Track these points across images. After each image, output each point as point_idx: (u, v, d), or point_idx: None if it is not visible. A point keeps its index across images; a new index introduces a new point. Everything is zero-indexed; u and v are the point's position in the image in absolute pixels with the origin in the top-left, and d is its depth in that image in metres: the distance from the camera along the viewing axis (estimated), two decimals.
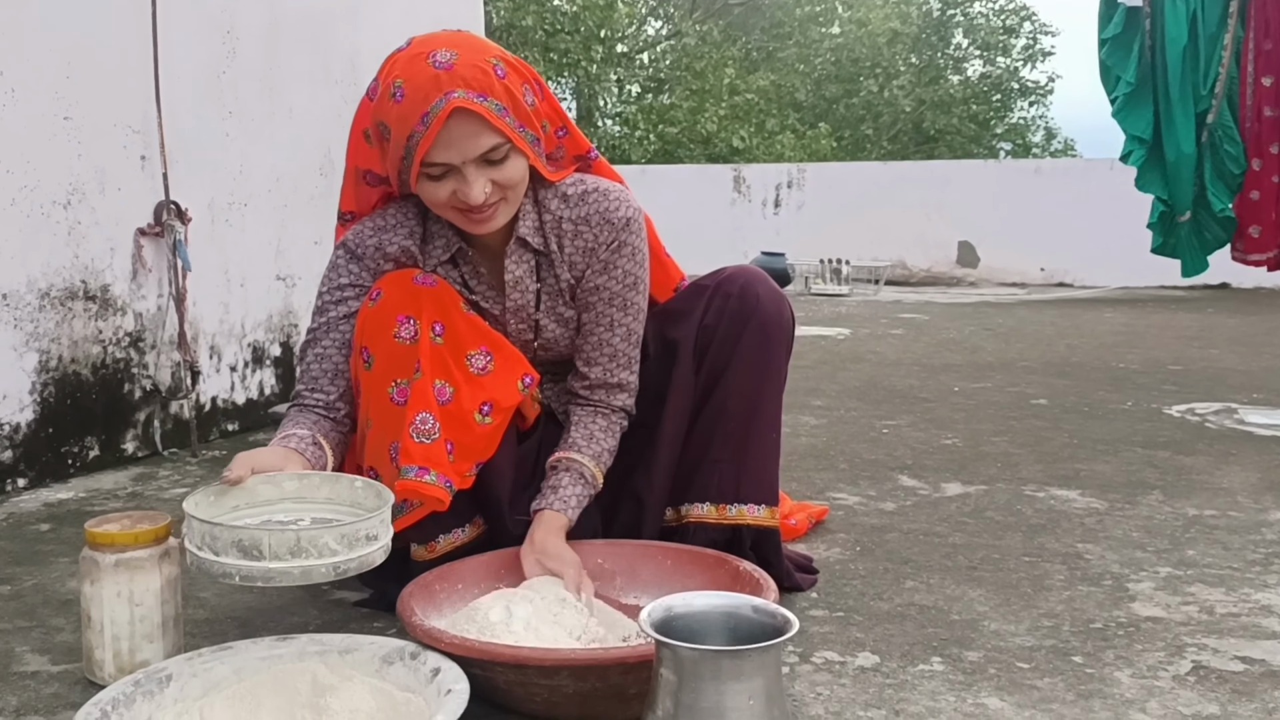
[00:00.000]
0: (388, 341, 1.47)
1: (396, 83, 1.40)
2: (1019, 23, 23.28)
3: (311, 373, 1.55)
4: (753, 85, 20.21)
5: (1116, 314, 6.66)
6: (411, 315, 1.47)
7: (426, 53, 1.40)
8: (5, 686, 1.36)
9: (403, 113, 1.39)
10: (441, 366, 1.48)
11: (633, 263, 1.57)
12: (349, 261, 1.56)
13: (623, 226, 1.56)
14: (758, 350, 1.62)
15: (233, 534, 1.20)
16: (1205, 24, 6.32)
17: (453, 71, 1.37)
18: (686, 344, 1.64)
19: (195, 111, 2.83)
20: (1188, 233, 6.55)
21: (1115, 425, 3.07)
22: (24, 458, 2.37)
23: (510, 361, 1.53)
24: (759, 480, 1.64)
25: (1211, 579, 1.75)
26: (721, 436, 1.63)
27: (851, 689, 1.33)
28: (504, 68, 1.42)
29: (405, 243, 1.56)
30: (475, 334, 1.52)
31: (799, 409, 3.30)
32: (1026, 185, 9.61)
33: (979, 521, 2.10)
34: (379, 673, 1.23)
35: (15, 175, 2.34)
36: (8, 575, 1.80)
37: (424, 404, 1.46)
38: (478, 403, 1.49)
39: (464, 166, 1.40)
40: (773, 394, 1.66)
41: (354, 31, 3.48)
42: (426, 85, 1.37)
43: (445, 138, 1.38)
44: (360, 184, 1.62)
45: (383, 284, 1.51)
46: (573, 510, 1.53)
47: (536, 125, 1.48)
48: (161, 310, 2.73)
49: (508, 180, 1.44)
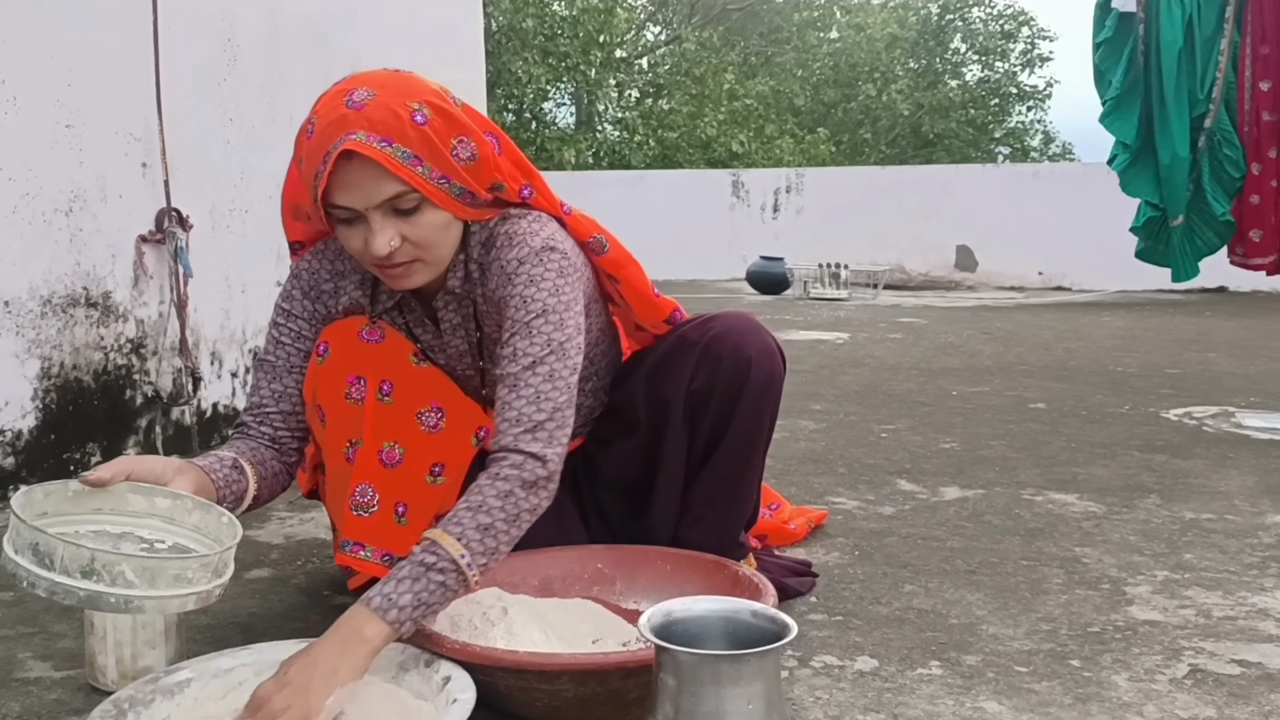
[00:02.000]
0: (339, 402, 1.47)
1: (314, 119, 1.33)
2: (1017, 27, 23.32)
3: (266, 407, 1.50)
4: (751, 90, 20.24)
5: (1114, 318, 6.67)
6: (361, 375, 1.46)
7: (348, 90, 1.32)
8: (8, 692, 1.37)
9: (312, 149, 1.31)
10: (389, 428, 1.47)
11: (533, 288, 1.40)
12: (303, 296, 1.52)
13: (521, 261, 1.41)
14: (751, 417, 1.59)
15: (32, 535, 1.11)
16: (1202, 28, 6.34)
17: (361, 112, 1.28)
18: (676, 407, 1.59)
19: (196, 118, 2.84)
20: (1179, 238, 6.56)
21: (1113, 429, 3.08)
22: (26, 464, 2.38)
23: (462, 416, 1.50)
24: (734, 539, 1.64)
25: (1209, 582, 1.76)
26: (708, 497, 1.62)
27: (850, 693, 1.34)
28: (427, 114, 1.31)
29: (355, 292, 1.52)
30: (426, 390, 1.50)
31: (797, 413, 3.30)
32: (1024, 189, 9.62)
33: (977, 525, 2.10)
34: (395, 679, 1.24)
35: (17, 183, 2.34)
36: (10, 582, 1.80)
37: (365, 474, 1.46)
38: (428, 464, 1.49)
39: (369, 214, 1.31)
40: (761, 453, 1.65)
41: (354, 38, 3.49)
42: (333, 124, 1.29)
43: (343, 180, 1.29)
44: (296, 218, 1.57)
45: (330, 337, 1.49)
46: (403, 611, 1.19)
47: (468, 180, 1.36)
48: (163, 317, 2.74)
49: (421, 237, 1.34)
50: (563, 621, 1.41)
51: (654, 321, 1.66)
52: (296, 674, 1.14)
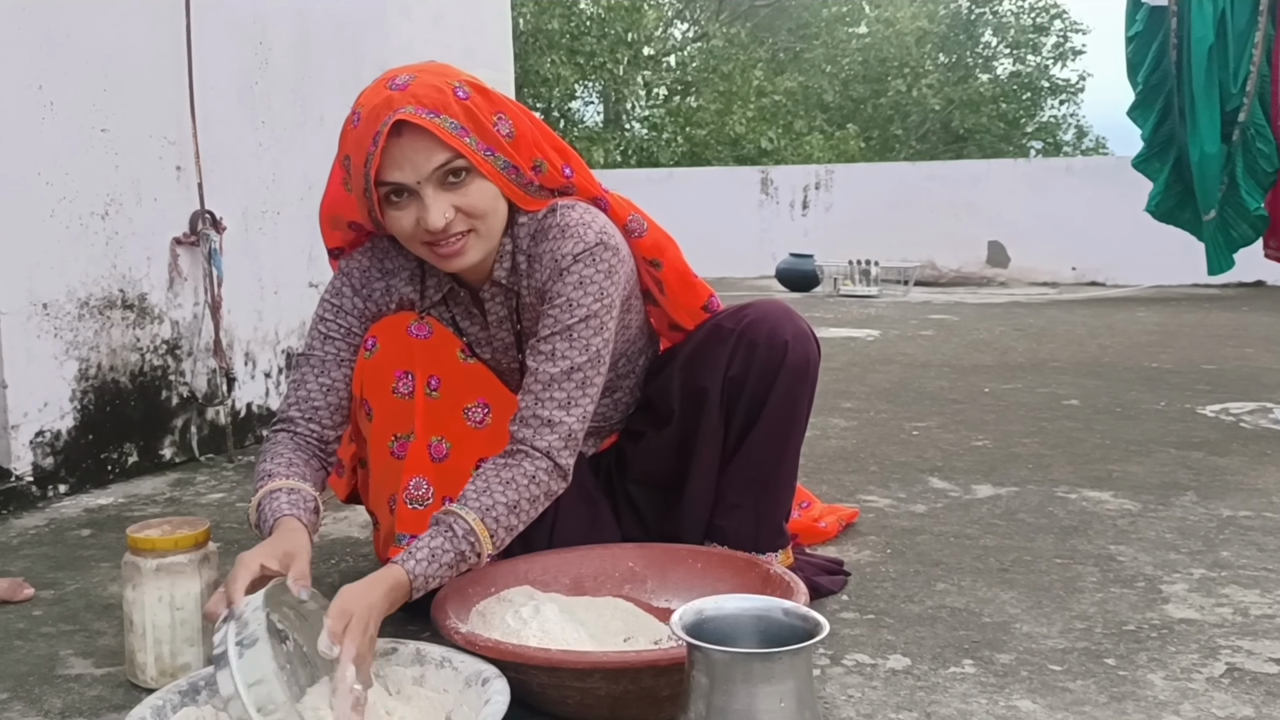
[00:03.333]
0: (386, 396, 1.48)
1: (357, 110, 1.37)
2: (1049, 21, 23.09)
3: (314, 401, 1.49)
4: (780, 86, 20.18)
5: (1149, 313, 6.60)
6: (409, 370, 1.47)
7: (389, 78, 1.36)
8: (50, 689, 1.39)
9: (359, 136, 1.35)
10: (437, 423, 1.49)
11: (580, 291, 1.42)
12: (353, 294, 1.53)
13: (575, 258, 1.43)
14: (787, 402, 1.59)
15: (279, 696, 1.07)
16: (1235, 21, 6.25)
17: (405, 91, 1.33)
18: (714, 395, 1.60)
19: (229, 122, 2.87)
20: (1213, 231, 6.48)
21: (1148, 426, 3.04)
22: (65, 464, 2.41)
23: (508, 411, 1.50)
24: (775, 527, 1.64)
25: (1246, 580, 1.74)
26: (744, 484, 1.62)
27: (883, 691, 1.33)
28: (468, 91, 1.37)
29: (405, 288, 1.54)
30: (473, 385, 1.51)
31: (829, 411, 3.29)
32: (1057, 184, 9.53)
33: (1010, 523, 2.09)
34: (420, 678, 1.24)
35: (54, 187, 2.38)
36: (51, 580, 1.83)
37: (418, 467, 1.47)
38: (474, 459, 1.49)
39: (421, 187, 1.34)
40: (797, 440, 1.65)
41: (383, 40, 3.51)
42: (379, 105, 1.33)
43: (394, 155, 1.33)
44: (339, 229, 1.58)
45: (379, 332, 1.50)
46: (419, 565, 1.27)
47: (512, 153, 1.40)
48: (197, 318, 2.77)
49: (472, 207, 1.37)
50: (594, 620, 1.42)
51: (692, 309, 1.67)
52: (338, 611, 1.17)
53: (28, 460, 2.33)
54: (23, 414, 2.32)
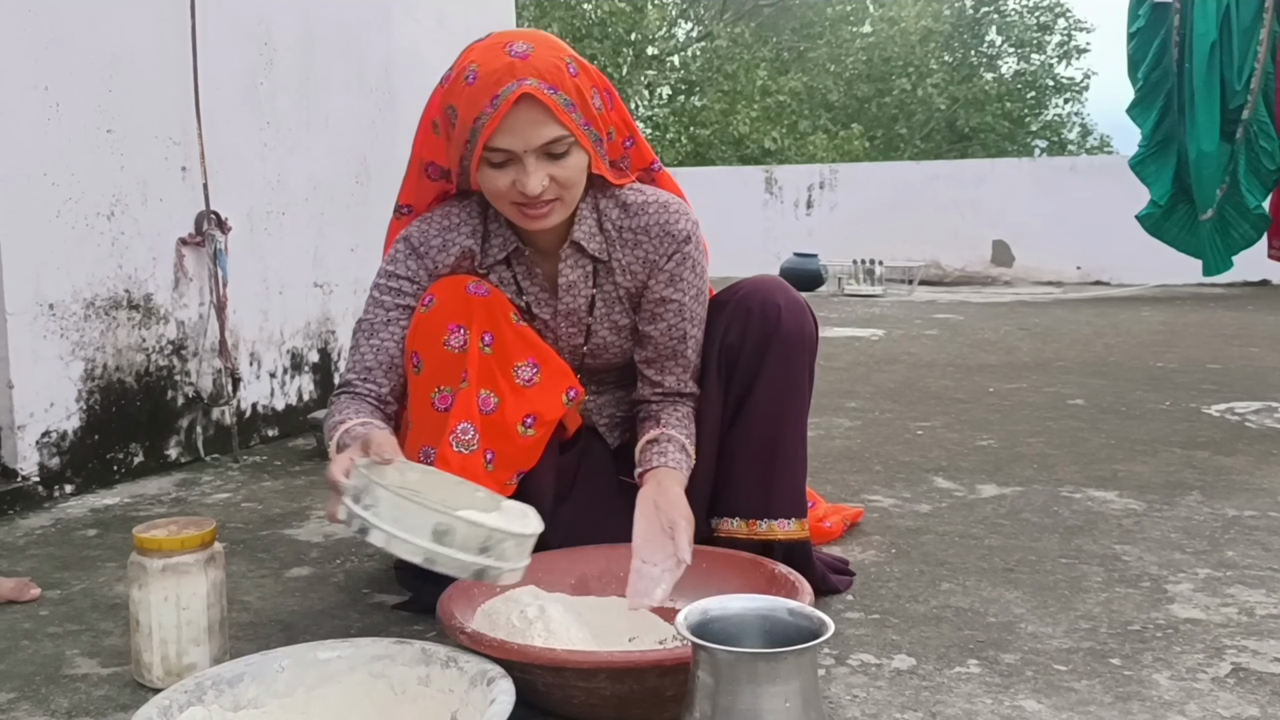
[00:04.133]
0: (437, 349, 1.50)
1: (471, 67, 1.43)
2: (1053, 19, 23.06)
3: (366, 362, 1.56)
4: (784, 86, 20.17)
5: (1154, 312, 6.59)
6: (462, 324, 1.49)
7: (505, 43, 1.43)
8: (57, 689, 1.40)
9: (473, 95, 1.41)
10: (488, 377, 1.50)
11: (695, 275, 1.60)
12: (408, 256, 1.58)
13: (684, 240, 1.58)
14: (782, 366, 1.61)
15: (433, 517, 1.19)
16: (1240, 18, 6.24)
17: (527, 61, 1.41)
18: (710, 363, 1.64)
19: (234, 122, 2.87)
20: (1210, 231, 6.47)
21: (1153, 425, 3.04)
22: (71, 464, 2.42)
23: (556, 374, 1.55)
24: (787, 494, 1.63)
25: (1252, 580, 1.74)
26: (749, 453, 1.63)
27: (888, 691, 1.33)
28: (576, 67, 1.46)
29: (467, 242, 1.58)
30: (523, 345, 1.54)
31: (833, 411, 3.29)
32: (1062, 183, 9.53)
33: (1015, 523, 2.09)
34: (426, 678, 1.25)
35: (60, 188, 2.39)
36: (57, 580, 1.84)
37: (467, 413, 1.48)
38: (521, 414, 1.51)
39: (525, 156, 1.42)
40: (798, 407, 1.64)
41: (387, 40, 3.52)
42: (500, 70, 1.40)
43: (511, 123, 1.40)
44: (422, 177, 1.64)
45: (436, 290, 1.53)
46: (684, 470, 1.55)
47: (602, 128, 1.51)
48: (203, 318, 2.78)
49: (566, 178, 1.45)
50: (599, 620, 1.42)
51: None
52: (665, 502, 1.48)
53: (34, 460, 2.34)
54: (29, 414, 2.32)
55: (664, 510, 1.46)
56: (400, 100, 3.56)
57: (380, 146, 3.46)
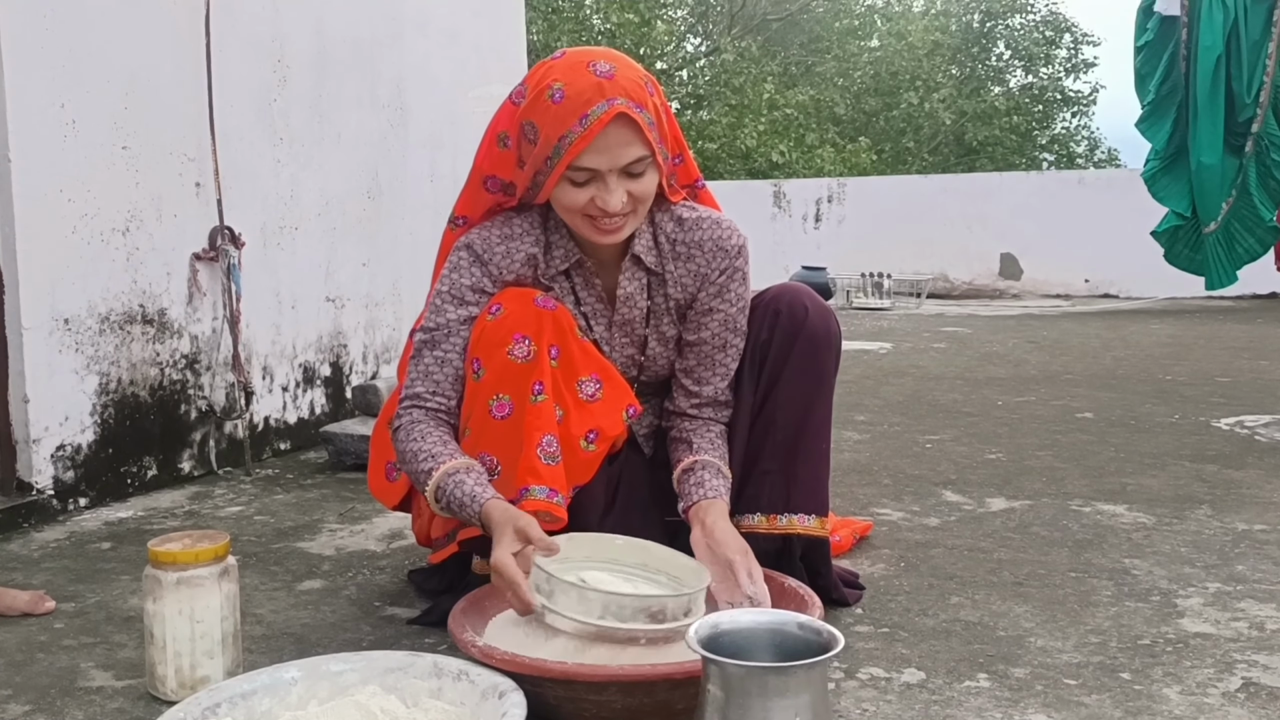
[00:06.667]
0: (500, 357, 1.50)
1: (555, 85, 1.44)
2: (1059, 34, 23.06)
3: (434, 376, 1.56)
4: (792, 100, 20.19)
5: (1163, 325, 6.58)
6: (529, 336, 1.50)
7: (587, 61, 1.45)
8: (71, 701, 1.41)
9: (560, 113, 1.43)
10: (555, 390, 1.52)
11: (743, 287, 1.65)
12: (472, 263, 1.58)
13: (735, 254, 1.63)
14: (807, 363, 1.65)
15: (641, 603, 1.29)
16: (1249, 32, 6.25)
17: (614, 80, 1.43)
18: (744, 360, 1.68)
19: (247, 139, 2.90)
20: (1214, 245, 6.45)
21: (1162, 439, 3.04)
22: (85, 478, 2.44)
23: (617, 391, 1.57)
24: (809, 490, 1.66)
25: (1262, 595, 1.74)
26: (771, 447, 1.66)
27: (897, 705, 1.34)
28: (652, 86, 1.50)
29: (532, 249, 1.59)
30: (587, 361, 1.56)
31: (842, 424, 3.30)
32: (1070, 196, 9.53)
33: (1024, 537, 2.09)
34: (438, 690, 1.25)
35: (76, 204, 2.41)
36: (72, 593, 1.85)
37: (549, 426, 1.49)
38: (585, 430, 1.53)
39: (608, 174, 1.45)
40: (822, 405, 1.68)
41: (399, 57, 3.55)
42: (589, 90, 1.42)
43: (601, 142, 1.42)
44: (480, 190, 1.64)
45: (504, 299, 1.53)
46: (725, 495, 1.58)
47: (671, 147, 1.56)
48: (216, 333, 2.80)
49: (642, 194, 1.49)
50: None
51: None
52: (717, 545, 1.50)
53: (49, 474, 2.35)
54: (44, 428, 2.34)
55: (717, 552, 1.48)
56: (412, 116, 3.59)
57: (392, 162, 3.48)
